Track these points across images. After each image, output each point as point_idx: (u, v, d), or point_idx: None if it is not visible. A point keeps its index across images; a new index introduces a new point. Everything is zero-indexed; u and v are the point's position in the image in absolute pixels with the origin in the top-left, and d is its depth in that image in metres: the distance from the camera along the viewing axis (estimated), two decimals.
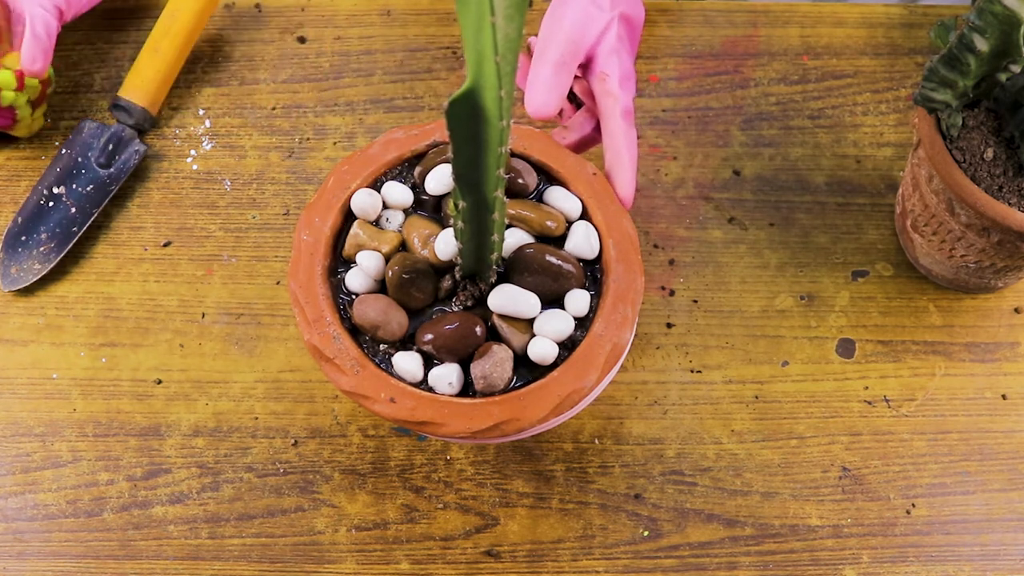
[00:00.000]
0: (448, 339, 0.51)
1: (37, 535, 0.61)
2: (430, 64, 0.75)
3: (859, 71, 0.74)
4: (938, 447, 0.63)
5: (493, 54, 0.37)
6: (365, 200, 0.55)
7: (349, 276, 0.54)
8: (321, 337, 0.52)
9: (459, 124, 0.40)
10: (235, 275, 0.68)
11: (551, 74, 0.56)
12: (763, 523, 0.61)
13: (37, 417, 0.64)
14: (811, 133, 0.72)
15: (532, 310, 0.52)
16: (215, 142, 0.72)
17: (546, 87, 0.55)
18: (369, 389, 0.51)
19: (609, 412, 0.64)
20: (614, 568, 0.60)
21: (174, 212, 0.70)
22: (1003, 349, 0.65)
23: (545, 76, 0.56)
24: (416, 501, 0.62)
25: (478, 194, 0.45)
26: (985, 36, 0.51)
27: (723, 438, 0.63)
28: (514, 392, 0.51)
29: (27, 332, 0.66)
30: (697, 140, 0.72)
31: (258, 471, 0.62)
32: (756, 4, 0.77)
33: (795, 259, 0.68)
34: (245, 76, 0.75)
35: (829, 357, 0.65)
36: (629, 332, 0.53)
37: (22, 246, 0.68)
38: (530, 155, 0.57)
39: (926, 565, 0.60)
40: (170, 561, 0.60)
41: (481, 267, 0.52)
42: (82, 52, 0.76)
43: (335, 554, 0.60)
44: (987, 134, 0.57)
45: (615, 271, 0.53)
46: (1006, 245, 0.58)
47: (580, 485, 0.62)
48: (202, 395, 0.64)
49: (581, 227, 0.54)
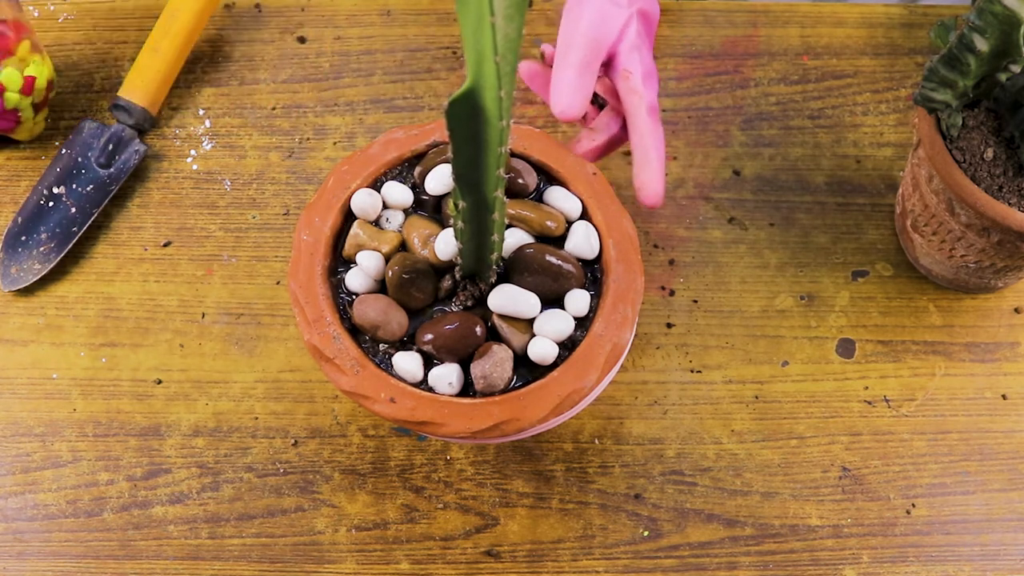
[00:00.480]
0: (448, 339, 0.51)
1: (37, 535, 0.61)
2: (430, 64, 0.75)
3: (859, 71, 0.74)
4: (938, 447, 0.63)
5: (493, 54, 0.37)
6: (365, 200, 0.55)
7: (349, 276, 0.54)
8: (321, 337, 0.52)
9: (459, 124, 0.40)
10: (235, 275, 0.68)
11: (575, 76, 0.54)
12: (763, 523, 0.61)
13: (37, 417, 0.64)
14: (811, 133, 0.72)
15: (532, 310, 0.52)
16: (215, 142, 0.72)
17: (571, 89, 0.54)
18: (369, 389, 0.51)
19: (609, 412, 0.64)
20: (614, 568, 0.60)
21: (174, 212, 0.70)
22: (1003, 349, 0.65)
23: (569, 78, 0.54)
24: (416, 501, 0.62)
25: (478, 194, 0.45)
26: (985, 36, 0.51)
27: (723, 438, 0.63)
28: (514, 392, 0.51)
29: (27, 332, 0.66)
30: (697, 140, 0.72)
31: (258, 471, 0.62)
32: (756, 4, 0.77)
33: (795, 259, 0.68)
34: (245, 76, 0.75)
35: (829, 357, 0.65)
36: (629, 332, 0.53)
37: (22, 246, 0.68)
38: (530, 155, 0.57)
39: (926, 565, 0.60)
40: (170, 561, 0.60)
41: (481, 267, 0.52)
42: (82, 52, 0.76)
43: (335, 554, 0.60)
44: (987, 134, 0.57)
45: (615, 271, 0.53)
46: (1006, 245, 0.58)
47: (580, 485, 0.62)
48: (202, 395, 0.64)
49: (581, 227, 0.54)
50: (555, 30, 0.76)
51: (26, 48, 0.68)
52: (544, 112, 0.72)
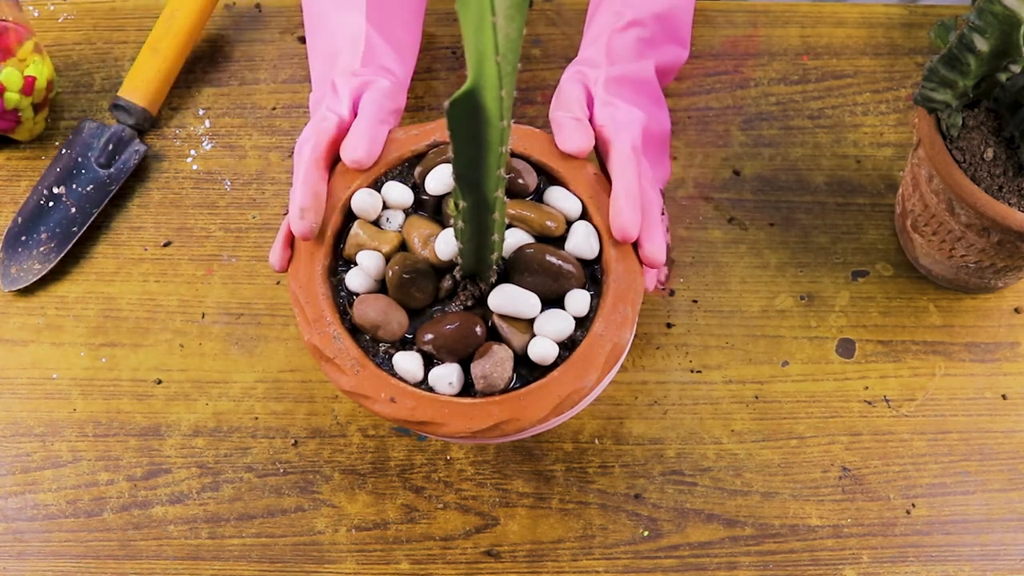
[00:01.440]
0: (448, 339, 0.51)
1: (37, 535, 0.61)
2: (430, 64, 0.75)
3: (859, 71, 0.74)
4: (938, 447, 0.63)
5: (494, 54, 0.37)
6: (365, 200, 0.55)
7: (349, 276, 0.54)
8: (321, 337, 0.52)
9: (460, 124, 0.40)
10: (235, 275, 0.68)
11: (574, 124, 0.57)
12: (763, 523, 0.61)
13: (37, 417, 0.64)
14: (811, 133, 0.72)
15: (532, 310, 0.52)
16: (215, 142, 0.72)
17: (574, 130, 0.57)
18: (369, 389, 0.51)
19: (609, 412, 0.64)
20: (614, 568, 0.60)
21: (174, 212, 0.70)
22: (1003, 349, 0.65)
23: (570, 124, 0.57)
24: (416, 501, 0.62)
25: (478, 194, 0.45)
26: (985, 36, 0.51)
27: (723, 438, 0.63)
28: (514, 392, 0.51)
29: (27, 332, 0.66)
30: (697, 140, 0.72)
31: (258, 471, 0.62)
32: (756, 4, 0.77)
33: (795, 259, 0.68)
34: (245, 76, 0.75)
35: (829, 357, 0.65)
36: (629, 332, 0.53)
37: (22, 246, 0.68)
38: (530, 155, 0.57)
39: (926, 565, 0.60)
40: (170, 561, 0.60)
41: (481, 267, 0.52)
42: (82, 52, 0.76)
43: (335, 554, 0.60)
44: (987, 134, 0.57)
45: (615, 271, 0.53)
46: (1006, 245, 0.58)
47: (580, 485, 0.62)
48: (202, 395, 0.64)
49: (581, 227, 0.54)
50: (555, 30, 0.76)
51: (26, 48, 0.68)
52: (544, 112, 0.73)
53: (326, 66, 0.60)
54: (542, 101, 0.72)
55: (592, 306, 0.53)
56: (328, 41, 0.60)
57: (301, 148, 0.57)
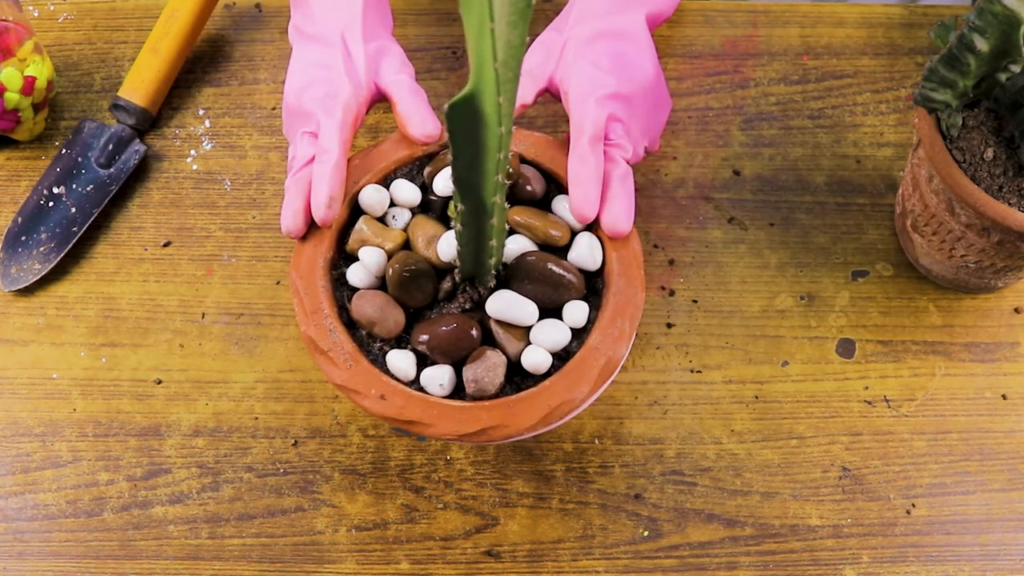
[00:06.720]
0: (443, 340, 0.51)
1: (37, 535, 0.61)
2: (430, 64, 0.75)
3: (859, 71, 0.74)
4: (938, 447, 0.63)
5: (492, 60, 0.37)
6: (373, 196, 0.55)
7: (350, 271, 0.54)
8: (317, 329, 0.52)
9: (458, 127, 0.40)
10: (235, 275, 0.68)
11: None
12: (763, 523, 0.61)
13: (37, 417, 0.64)
14: (811, 133, 0.72)
15: (530, 318, 0.52)
16: (215, 142, 0.72)
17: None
18: (360, 384, 0.51)
19: (609, 412, 0.64)
20: (614, 568, 0.60)
21: (174, 212, 0.70)
22: (1003, 349, 0.65)
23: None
24: (416, 501, 0.62)
25: (477, 198, 0.45)
26: (985, 36, 0.51)
27: (723, 438, 0.63)
28: (504, 399, 0.51)
29: (27, 332, 0.66)
30: (697, 140, 0.72)
31: (258, 471, 0.62)
32: (756, 4, 0.77)
33: (795, 259, 0.68)
34: (245, 76, 0.75)
35: (829, 357, 0.65)
36: (625, 346, 0.52)
37: (22, 246, 0.68)
38: (540, 162, 0.57)
39: (926, 565, 0.60)
40: (170, 561, 0.60)
41: (479, 271, 0.52)
42: (82, 52, 0.76)
43: (335, 554, 0.61)
44: (987, 134, 0.57)
45: (616, 284, 0.53)
46: (1006, 245, 0.58)
47: (580, 485, 0.62)
48: (202, 395, 0.64)
49: (585, 238, 0.54)
50: None
51: (26, 48, 0.68)
52: (544, 112, 0.72)
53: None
54: (542, 101, 0.72)
55: (590, 318, 0.53)
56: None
57: (325, 103, 0.56)
